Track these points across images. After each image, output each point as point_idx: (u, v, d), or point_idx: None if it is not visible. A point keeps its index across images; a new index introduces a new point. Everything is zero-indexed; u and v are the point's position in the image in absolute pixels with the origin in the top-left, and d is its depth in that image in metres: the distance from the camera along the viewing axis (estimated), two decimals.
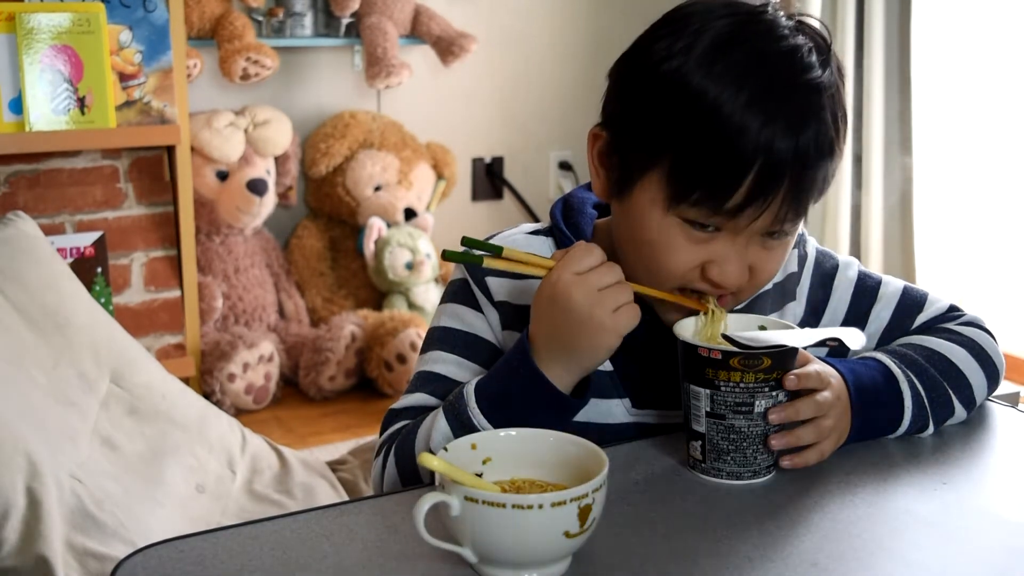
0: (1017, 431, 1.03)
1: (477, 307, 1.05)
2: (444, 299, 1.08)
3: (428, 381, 1.03)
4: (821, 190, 0.94)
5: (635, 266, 0.98)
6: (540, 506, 0.72)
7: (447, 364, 1.03)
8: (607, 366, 1.02)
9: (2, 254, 1.64)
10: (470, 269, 1.06)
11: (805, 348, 0.93)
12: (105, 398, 1.61)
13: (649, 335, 0.99)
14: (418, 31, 3.10)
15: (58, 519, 1.36)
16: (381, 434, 1.03)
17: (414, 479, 0.96)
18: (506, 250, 0.92)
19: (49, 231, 2.35)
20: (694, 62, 0.90)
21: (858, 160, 2.88)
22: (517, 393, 0.92)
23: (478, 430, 0.91)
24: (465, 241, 0.94)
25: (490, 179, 3.43)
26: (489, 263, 0.92)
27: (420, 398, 1.02)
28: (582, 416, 0.98)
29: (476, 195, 3.42)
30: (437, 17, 3.11)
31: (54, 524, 1.34)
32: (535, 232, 1.10)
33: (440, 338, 1.05)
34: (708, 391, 0.89)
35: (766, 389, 0.88)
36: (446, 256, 0.93)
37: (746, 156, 0.88)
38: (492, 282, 1.04)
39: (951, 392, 1.01)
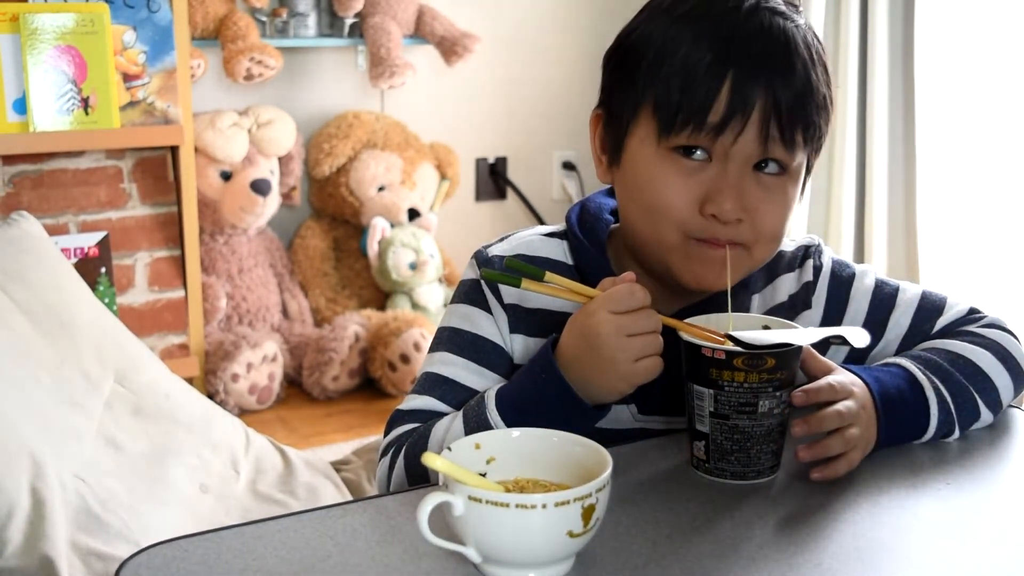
0: (1020, 431, 1.03)
1: (487, 308, 1.05)
2: (455, 299, 1.09)
3: (435, 384, 1.03)
4: (808, 119, 0.96)
5: (639, 224, 1.01)
6: (544, 506, 0.72)
7: (454, 367, 1.04)
8: None
9: (6, 254, 1.65)
10: (485, 269, 1.07)
11: (813, 346, 0.93)
12: (109, 398, 1.61)
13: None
14: (421, 31, 3.10)
15: (62, 519, 1.36)
16: (386, 434, 1.03)
17: (423, 482, 0.96)
18: (548, 275, 0.92)
19: (53, 231, 2.36)
20: (662, 13, 0.99)
21: (862, 163, 2.88)
22: (539, 398, 0.92)
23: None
24: (509, 263, 0.93)
25: (494, 179, 3.43)
26: (528, 286, 0.91)
27: (428, 401, 1.02)
28: None
29: (479, 195, 3.42)
30: (440, 17, 3.11)
31: (58, 524, 1.35)
32: (551, 235, 1.10)
33: (449, 339, 1.06)
34: (712, 391, 0.89)
35: (770, 389, 0.88)
36: (485, 276, 0.93)
37: (720, 66, 0.94)
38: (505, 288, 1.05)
39: (977, 396, 1.00)
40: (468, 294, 1.07)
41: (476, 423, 0.94)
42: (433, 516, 0.74)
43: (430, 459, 0.74)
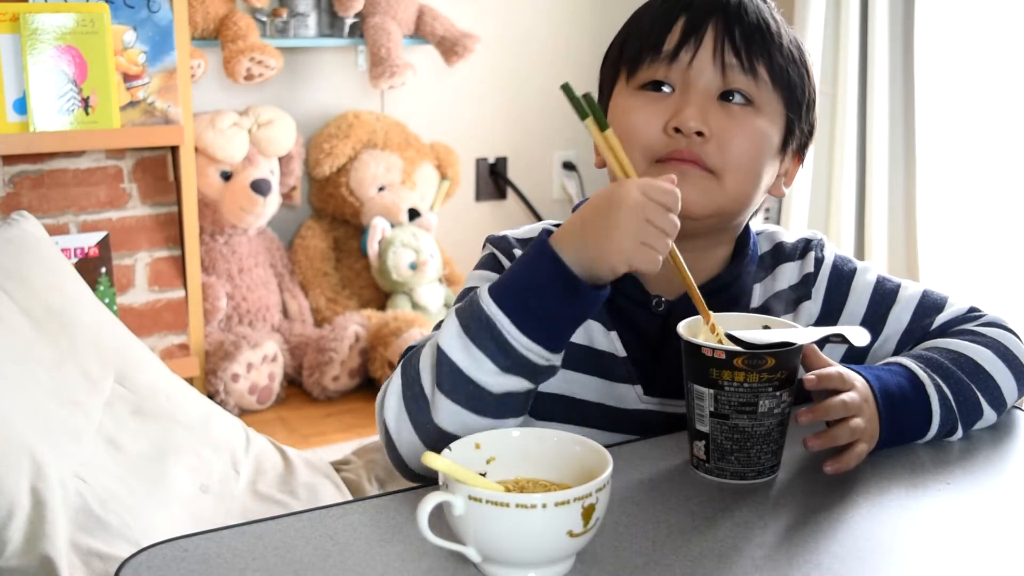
0: (1019, 431, 1.03)
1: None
2: (476, 267, 1.09)
3: None
4: (769, 55, 1.01)
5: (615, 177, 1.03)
6: (544, 505, 0.72)
7: None
8: (621, 351, 1.04)
9: (7, 254, 1.64)
10: (498, 243, 1.08)
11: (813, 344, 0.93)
12: (109, 398, 1.61)
13: (662, 326, 1.04)
14: (422, 31, 3.10)
15: (62, 519, 1.36)
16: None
17: (415, 386, 0.92)
18: (610, 132, 0.92)
19: (53, 231, 2.36)
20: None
21: (862, 163, 2.88)
22: (528, 275, 0.89)
23: (489, 319, 0.88)
24: (587, 97, 0.91)
25: (494, 179, 3.43)
26: (590, 126, 0.91)
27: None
28: (596, 397, 1.02)
29: (480, 195, 3.43)
30: (441, 17, 3.11)
31: (58, 524, 1.35)
32: (558, 226, 1.10)
33: (468, 292, 1.04)
34: (712, 391, 0.89)
35: (770, 389, 0.88)
36: (565, 87, 0.92)
37: (674, 6, 1.02)
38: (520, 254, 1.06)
39: (979, 394, 1.00)
40: (487, 264, 1.08)
41: (466, 309, 0.91)
42: (433, 516, 0.74)
43: (430, 459, 0.74)
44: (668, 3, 1.03)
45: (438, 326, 1.01)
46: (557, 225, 1.11)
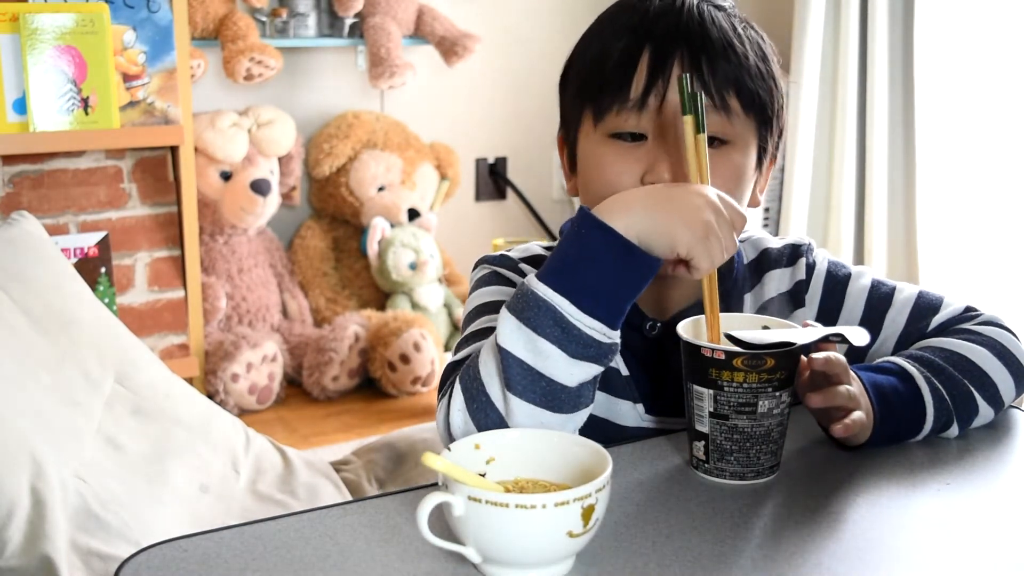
0: (1020, 432, 1.03)
1: (514, 286, 1.06)
2: (478, 286, 1.08)
3: (482, 334, 0.99)
4: (739, 83, 0.99)
5: None
6: (543, 506, 0.72)
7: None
8: (623, 370, 1.04)
9: (7, 254, 1.64)
10: (498, 262, 1.09)
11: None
12: (109, 398, 1.61)
13: (657, 349, 1.04)
14: (421, 31, 3.10)
15: (62, 519, 1.36)
16: (441, 386, 0.98)
17: (480, 397, 0.90)
18: (702, 136, 0.91)
19: (53, 231, 2.36)
20: (592, 26, 1.07)
21: (862, 164, 2.88)
22: (577, 251, 0.87)
23: (548, 304, 0.85)
24: (694, 98, 0.90)
25: (493, 179, 3.43)
26: (687, 125, 0.90)
27: (478, 346, 0.97)
28: (599, 411, 1.01)
29: (479, 195, 3.43)
30: (440, 17, 3.11)
31: (58, 524, 1.35)
32: (548, 248, 1.12)
33: (482, 308, 1.04)
34: (711, 391, 0.89)
35: (769, 389, 0.88)
36: (680, 79, 0.91)
37: (636, 44, 0.99)
38: (526, 268, 1.07)
39: (973, 389, 1.00)
40: (491, 281, 1.07)
41: (517, 300, 0.88)
42: (433, 516, 0.74)
43: (430, 459, 0.74)
44: (629, 29, 1.00)
45: (465, 342, 1.01)
46: (548, 248, 1.12)
